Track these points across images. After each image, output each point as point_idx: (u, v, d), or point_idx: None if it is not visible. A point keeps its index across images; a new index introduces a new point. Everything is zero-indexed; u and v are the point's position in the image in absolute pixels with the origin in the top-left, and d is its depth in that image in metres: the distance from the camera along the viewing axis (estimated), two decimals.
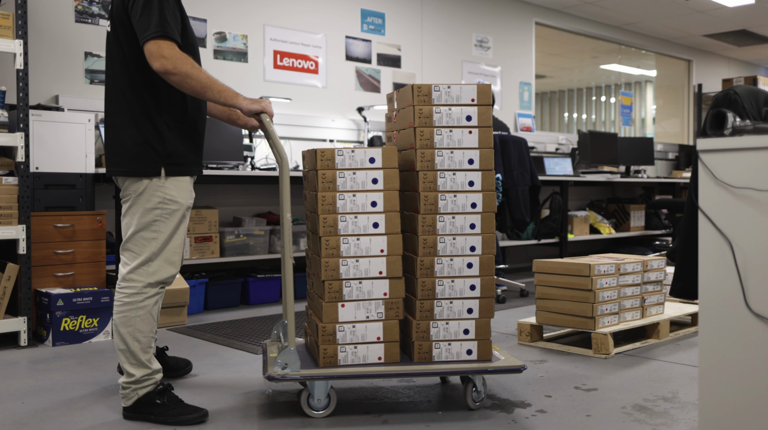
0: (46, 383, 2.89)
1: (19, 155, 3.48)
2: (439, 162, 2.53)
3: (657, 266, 3.70)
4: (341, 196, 2.50)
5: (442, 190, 2.53)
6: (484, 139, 2.54)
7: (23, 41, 3.46)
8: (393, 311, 2.53)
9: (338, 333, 2.50)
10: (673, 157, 8.84)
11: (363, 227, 2.52)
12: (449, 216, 2.53)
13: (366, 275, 2.52)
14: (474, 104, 2.53)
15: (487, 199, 2.54)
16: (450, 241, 2.53)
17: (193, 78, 2.25)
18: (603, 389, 2.76)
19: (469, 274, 2.54)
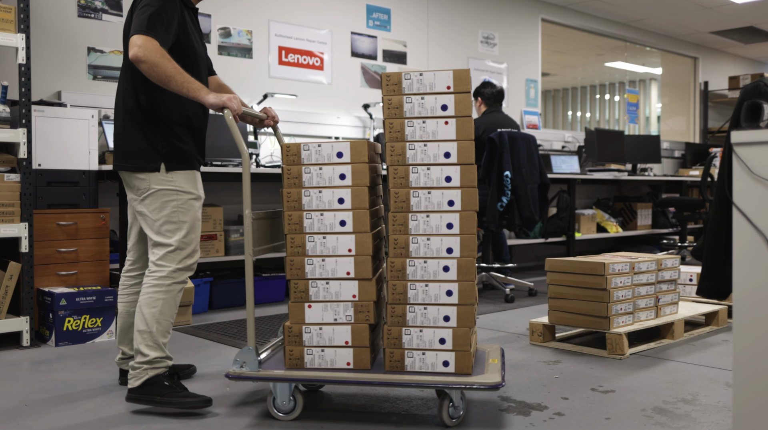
0: (50, 384, 2.82)
1: (21, 152, 3.41)
2: (411, 156, 2.34)
3: (671, 265, 3.63)
4: (307, 192, 2.40)
5: (414, 187, 2.35)
6: (462, 130, 2.31)
7: (25, 35, 3.39)
8: (363, 314, 2.38)
9: (305, 335, 2.40)
10: (679, 155, 8.77)
11: (329, 225, 2.39)
12: (423, 215, 2.34)
13: (333, 275, 2.39)
14: (450, 92, 2.31)
15: (467, 197, 2.32)
16: (424, 241, 2.34)
17: (159, 67, 2.36)
18: (620, 391, 2.69)
19: (445, 278, 2.33)
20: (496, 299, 4.76)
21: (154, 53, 2.36)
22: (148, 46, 2.36)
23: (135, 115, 2.55)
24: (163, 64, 2.37)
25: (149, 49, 2.36)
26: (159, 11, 2.44)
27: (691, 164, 8.40)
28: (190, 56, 2.59)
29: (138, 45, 2.37)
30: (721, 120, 9.61)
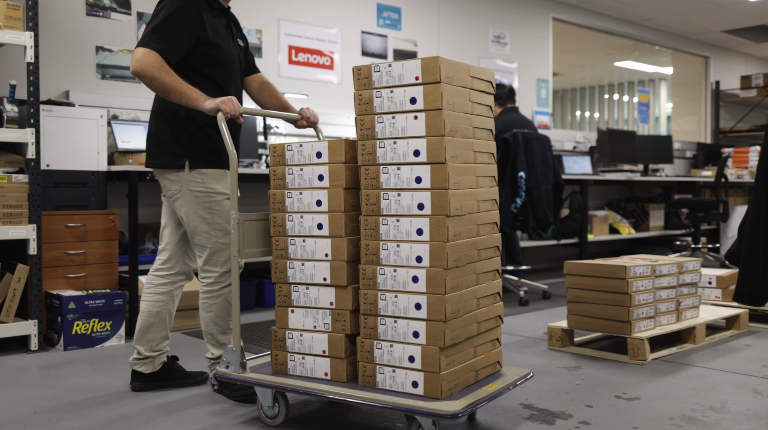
0: (59, 390, 2.76)
1: (29, 152, 3.35)
2: (381, 155, 2.14)
3: (692, 268, 3.55)
4: (289, 194, 2.32)
5: (385, 188, 2.15)
6: (432, 125, 2.07)
7: (34, 33, 3.32)
8: (339, 323, 2.25)
9: (288, 340, 2.34)
10: (690, 155, 8.68)
11: (308, 228, 2.29)
12: (393, 218, 2.14)
13: (311, 280, 2.29)
14: (419, 83, 2.08)
15: (437, 200, 2.08)
16: (394, 248, 2.13)
17: (157, 81, 2.40)
18: (646, 399, 2.61)
19: (414, 289, 2.11)
20: (510, 302, 4.68)
21: (151, 67, 2.39)
22: (145, 61, 2.40)
23: (164, 115, 2.58)
24: (161, 78, 2.39)
25: (146, 64, 2.39)
26: (167, 19, 2.45)
27: (703, 165, 8.31)
28: (216, 57, 2.57)
29: (137, 59, 2.41)
30: (733, 120, 9.51)
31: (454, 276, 2.12)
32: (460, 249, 2.14)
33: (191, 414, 2.46)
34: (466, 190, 2.17)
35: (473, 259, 2.21)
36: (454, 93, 2.13)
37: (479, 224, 2.25)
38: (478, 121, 2.27)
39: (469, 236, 2.20)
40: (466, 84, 2.20)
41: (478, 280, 2.26)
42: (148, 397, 2.65)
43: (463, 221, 2.16)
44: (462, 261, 2.14)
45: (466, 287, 2.18)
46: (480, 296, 2.26)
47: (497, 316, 2.38)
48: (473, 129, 2.22)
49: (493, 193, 2.35)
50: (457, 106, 2.13)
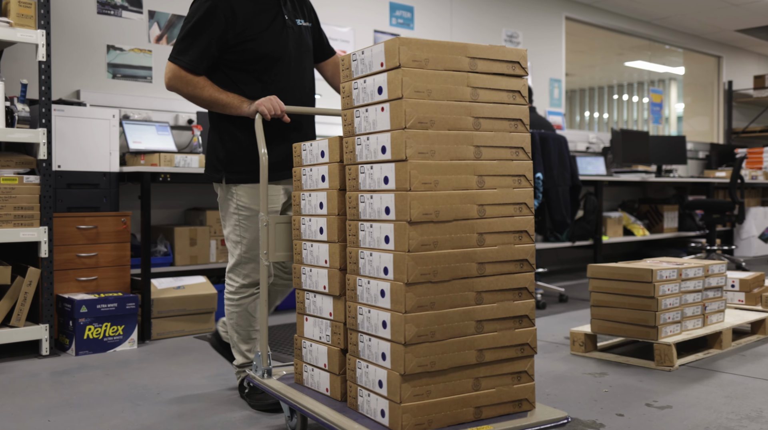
0: (72, 397, 2.68)
1: (41, 153, 3.28)
2: (359, 152, 1.96)
3: (718, 271, 3.46)
4: (303, 196, 2.20)
5: (362, 189, 1.95)
6: (395, 117, 1.82)
7: (46, 31, 3.25)
8: (336, 336, 2.06)
9: (303, 349, 2.21)
10: (703, 156, 8.59)
11: (314, 232, 2.14)
12: (368, 224, 1.92)
13: (316, 288, 2.13)
14: (383, 70, 1.86)
15: (401, 203, 1.80)
16: (368, 257, 1.91)
17: (195, 98, 2.40)
18: (678, 407, 2.53)
19: (381, 305, 1.86)
20: None
21: (184, 85, 2.38)
22: (174, 78, 2.39)
23: (212, 124, 2.55)
24: (197, 94, 2.39)
25: (176, 81, 2.39)
26: (191, 26, 2.39)
27: (716, 166, 8.21)
28: (253, 51, 2.43)
29: (167, 76, 2.40)
30: (746, 120, 9.41)
31: (425, 292, 1.80)
32: (437, 261, 1.82)
33: (212, 422, 2.39)
34: (451, 191, 1.85)
35: (468, 273, 1.87)
36: (433, 78, 1.83)
37: (482, 232, 1.90)
38: (488, 110, 1.93)
39: (460, 246, 1.86)
40: (459, 66, 1.88)
41: (481, 299, 1.91)
42: (166, 404, 2.58)
43: (447, 228, 1.84)
44: (444, 275, 1.83)
45: (451, 306, 1.85)
46: (483, 319, 1.91)
47: (522, 344, 1.98)
48: (475, 119, 1.91)
49: (518, 195, 1.99)
50: (437, 93, 1.84)
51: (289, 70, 2.51)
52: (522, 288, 1.98)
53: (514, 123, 1.99)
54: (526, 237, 1.99)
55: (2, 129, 3.19)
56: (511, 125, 1.98)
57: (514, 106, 1.98)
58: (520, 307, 1.98)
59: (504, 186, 1.96)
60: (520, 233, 1.98)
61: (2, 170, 3.26)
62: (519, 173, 1.99)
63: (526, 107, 2.00)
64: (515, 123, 1.99)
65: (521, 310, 1.98)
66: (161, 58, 4.41)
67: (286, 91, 2.49)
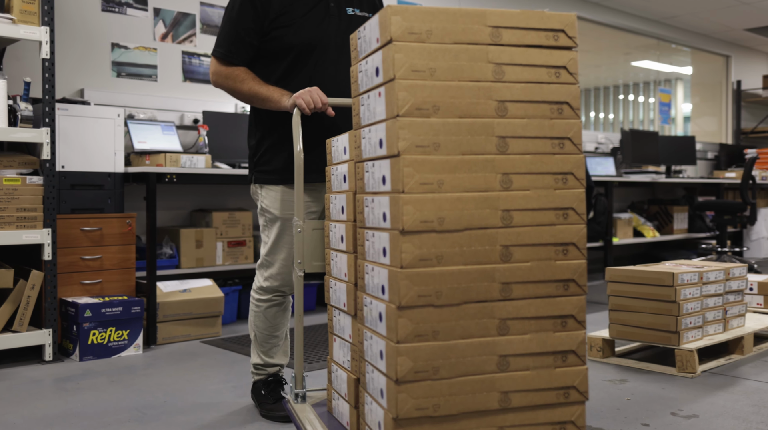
0: (77, 405, 2.59)
1: (44, 153, 3.19)
2: (364, 147, 1.66)
3: (738, 274, 3.37)
4: (331, 198, 1.94)
5: (366, 191, 1.65)
6: (389, 102, 1.50)
7: (49, 28, 3.16)
8: (355, 362, 1.75)
9: (332, 373, 1.93)
10: (712, 156, 8.49)
11: (336, 241, 1.88)
12: (370, 233, 1.62)
13: (339, 304, 1.86)
14: (378, 47, 1.55)
15: (394, 208, 1.47)
16: (371, 272, 1.61)
17: (237, 93, 2.30)
18: (705, 416, 2.44)
19: (380, 331, 1.55)
20: None
21: (224, 80, 2.30)
22: (215, 73, 2.31)
23: (250, 122, 2.45)
24: (237, 89, 2.28)
25: (217, 76, 2.31)
26: (229, 15, 2.29)
27: (725, 166, 8.12)
28: (288, 40, 2.27)
29: (211, 74, 2.34)
30: (755, 120, 9.32)
31: (425, 318, 1.47)
32: (441, 280, 1.48)
33: None
34: (461, 194, 1.50)
35: (487, 296, 1.52)
36: (439, 54, 1.50)
37: (508, 244, 1.54)
38: (518, 91, 1.56)
39: (475, 262, 1.51)
40: (476, 38, 1.54)
41: (505, 328, 1.55)
42: (174, 414, 2.49)
43: (456, 239, 1.49)
44: (451, 297, 1.49)
45: (463, 337, 1.50)
46: (509, 353, 1.53)
47: (566, 387, 1.58)
48: (498, 104, 1.54)
49: (562, 197, 1.58)
50: (444, 72, 1.51)
51: (329, 62, 2.31)
52: (566, 316, 1.58)
53: (558, 107, 1.59)
54: (574, 251, 1.59)
55: (5, 128, 3.10)
56: (553, 110, 1.59)
57: (557, 85, 1.59)
58: (563, 340, 1.58)
59: (541, 187, 1.58)
60: (564, 246, 1.59)
61: (5, 171, 3.17)
62: (564, 170, 1.58)
63: (574, 87, 1.60)
64: (559, 107, 1.59)
65: (564, 343, 1.58)
66: (166, 56, 4.33)
67: (327, 84, 2.28)
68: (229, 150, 4.23)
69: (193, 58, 4.44)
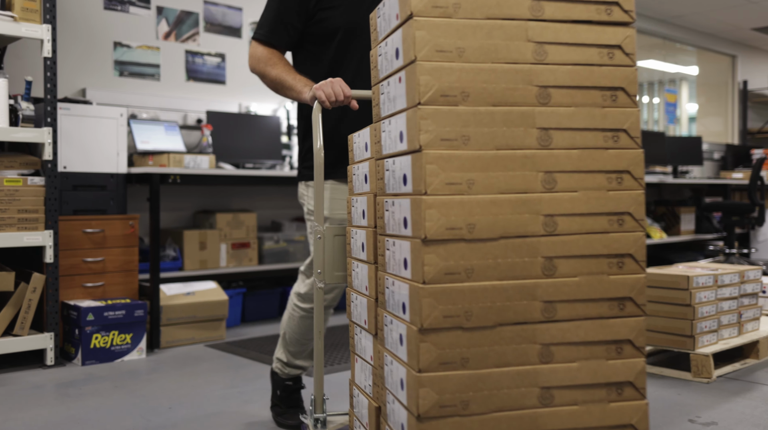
0: (79, 411, 2.53)
1: (46, 153, 3.13)
2: (384, 142, 1.46)
3: (753, 277, 3.31)
4: (353, 201, 1.75)
5: (387, 193, 1.45)
6: (410, 89, 1.29)
7: (51, 26, 3.10)
8: (377, 388, 1.54)
9: (354, 398, 1.72)
10: (718, 157, 8.43)
11: (358, 249, 1.65)
12: (391, 241, 1.41)
13: (359, 321, 1.65)
14: (398, 24, 1.35)
15: (415, 213, 1.28)
16: (391, 286, 1.41)
17: (266, 78, 2.16)
18: (724, 423, 2.38)
19: (401, 356, 1.35)
20: None
21: (257, 62, 2.15)
22: (252, 56, 2.17)
23: (297, 118, 2.32)
24: (267, 73, 2.13)
25: (253, 59, 2.17)
26: (267, 4, 2.17)
27: (732, 166, 8.05)
28: (330, 24, 2.12)
29: (249, 55, 2.19)
30: (761, 121, 9.25)
31: (453, 343, 1.27)
32: (472, 297, 1.27)
33: None
34: (496, 195, 1.29)
35: (527, 316, 1.30)
36: (468, 31, 1.30)
37: (552, 255, 1.32)
38: (564, 75, 1.35)
39: (512, 276, 1.30)
40: (512, 13, 1.33)
41: (549, 355, 1.32)
42: (179, 421, 2.43)
43: (489, 249, 1.28)
44: (483, 318, 1.28)
45: (498, 365, 1.29)
46: (553, 385, 1.32)
47: (623, 425, 1.36)
48: (540, 90, 1.34)
49: (617, 200, 1.36)
50: (475, 52, 1.30)
51: (366, 47, 2.12)
52: (621, 341, 1.35)
53: (611, 93, 1.38)
54: (632, 264, 1.36)
55: (6, 128, 3.04)
56: (605, 97, 1.38)
57: (611, 68, 1.38)
58: (618, 369, 1.35)
59: (591, 187, 1.35)
60: (618, 258, 1.35)
61: (5, 171, 3.11)
62: (618, 168, 1.36)
63: (630, 70, 1.38)
64: (612, 93, 1.38)
65: (620, 373, 1.35)
66: (169, 55, 4.27)
67: (363, 72, 2.11)
68: (234, 150, 4.17)
69: (196, 57, 4.38)
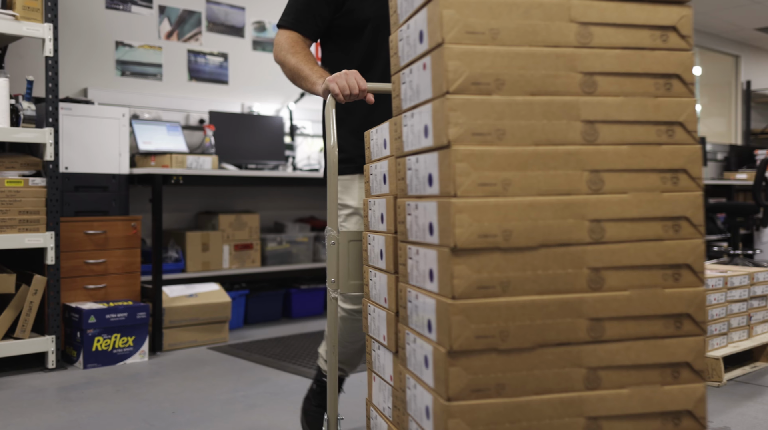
0: (81, 416, 2.49)
1: (47, 154, 3.09)
2: (405, 137, 1.31)
3: (763, 279, 3.27)
4: (370, 203, 1.62)
5: (409, 195, 1.30)
6: (436, 75, 1.15)
7: (53, 25, 3.06)
8: (397, 412, 1.40)
9: (371, 420, 1.59)
10: (722, 157, 8.39)
11: (376, 256, 1.52)
12: (414, 249, 1.27)
13: (378, 336, 1.50)
14: (422, 1, 1.20)
15: (443, 218, 1.13)
16: (414, 300, 1.26)
17: (285, 66, 2.03)
18: (737, 428, 2.34)
19: (426, 380, 1.20)
20: None
21: (279, 51, 2.03)
22: (276, 44, 2.05)
23: None
24: (286, 62, 1.99)
25: (276, 47, 2.04)
26: None
27: (735, 167, 8.01)
28: (355, 15, 2.05)
29: (274, 43, 2.06)
30: (765, 121, 9.22)
31: (487, 367, 1.12)
32: (508, 315, 1.12)
33: None
34: (535, 197, 1.14)
35: (570, 337, 1.15)
36: (503, 10, 1.15)
37: (598, 266, 1.17)
38: (611, 60, 1.20)
39: (554, 290, 1.15)
40: None
41: (596, 380, 1.17)
42: (183, 425, 2.39)
43: (528, 259, 1.14)
44: (521, 339, 1.13)
45: (538, 392, 1.14)
46: (599, 415, 1.17)
47: None
48: (584, 77, 1.19)
49: (672, 203, 1.21)
50: (510, 33, 1.15)
51: None
52: (678, 364, 1.20)
53: (665, 81, 1.22)
54: (689, 275, 1.21)
55: (7, 128, 3.00)
56: (659, 85, 1.22)
57: (665, 52, 1.22)
58: (676, 396, 1.20)
59: (643, 188, 1.20)
60: (675, 269, 1.21)
61: (6, 172, 3.08)
62: (674, 167, 1.21)
63: (687, 55, 1.23)
64: (666, 81, 1.22)
65: (677, 401, 1.20)
66: (172, 54, 4.23)
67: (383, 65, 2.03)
68: (236, 151, 4.14)
69: (198, 57, 4.34)
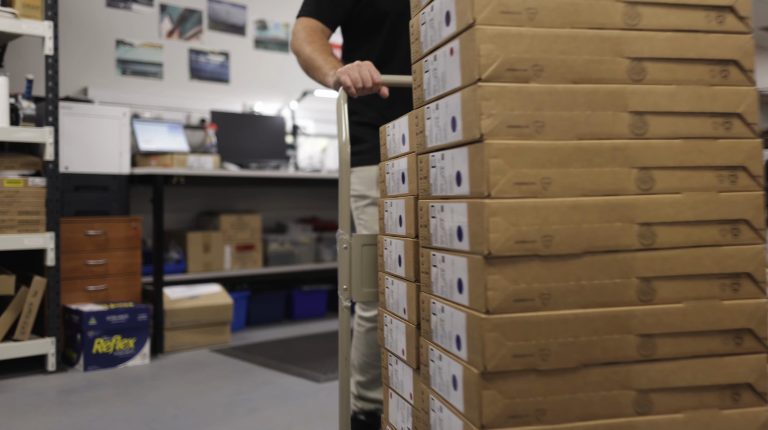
0: (82, 420, 2.45)
1: (47, 153, 3.05)
2: (428, 131, 1.20)
3: None
4: (386, 205, 1.51)
5: (433, 195, 1.19)
6: (466, 61, 1.04)
7: (53, 23, 3.02)
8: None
9: None
10: None
11: (393, 263, 1.40)
12: (439, 255, 1.15)
13: (396, 350, 1.38)
14: None
15: (474, 221, 1.02)
16: (440, 313, 1.15)
17: (300, 56, 1.96)
18: None
19: (453, 402, 1.08)
20: None
21: (295, 40, 1.96)
22: (294, 33, 1.98)
23: None
24: (301, 52, 1.92)
25: (294, 36, 1.98)
26: None
27: None
28: (387, 10, 2.00)
29: (293, 32, 2.00)
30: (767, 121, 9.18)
31: (525, 390, 1.01)
32: (549, 331, 1.01)
33: None
34: (578, 198, 1.03)
35: (618, 355, 1.04)
36: None
37: (649, 275, 1.06)
38: (662, 44, 1.08)
39: (600, 303, 1.04)
40: None
41: (648, 404, 1.05)
42: (185, 429, 2.36)
43: (571, 268, 1.03)
44: (564, 358, 1.02)
45: (583, 418, 1.03)
46: None
47: None
48: (632, 62, 1.07)
49: (730, 204, 1.09)
50: (549, 14, 1.04)
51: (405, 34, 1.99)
52: (738, 385, 1.08)
53: (721, 68, 1.11)
54: (750, 286, 1.09)
55: (6, 128, 2.96)
56: (714, 72, 1.11)
57: (721, 35, 1.11)
58: (736, 422, 1.08)
59: (698, 188, 1.09)
60: (734, 278, 1.09)
61: (6, 172, 3.04)
62: (732, 163, 1.10)
63: (746, 38, 1.11)
64: (723, 68, 1.11)
65: (738, 428, 1.08)
66: (172, 53, 4.19)
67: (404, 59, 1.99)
68: (238, 150, 4.10)
69: (200, 56, 4.30)
